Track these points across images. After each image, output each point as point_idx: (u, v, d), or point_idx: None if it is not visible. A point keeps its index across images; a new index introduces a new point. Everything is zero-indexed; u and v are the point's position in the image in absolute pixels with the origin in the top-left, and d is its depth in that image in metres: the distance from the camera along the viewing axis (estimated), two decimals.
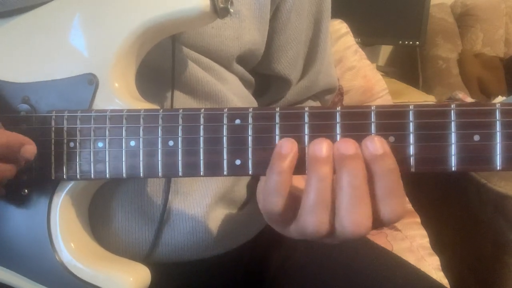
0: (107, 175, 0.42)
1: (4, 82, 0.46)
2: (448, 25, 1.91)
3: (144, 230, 0.52)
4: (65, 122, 0.43)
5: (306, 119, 0.38)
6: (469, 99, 1.66)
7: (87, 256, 0.46)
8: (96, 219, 0.50)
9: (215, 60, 0.55)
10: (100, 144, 0.42)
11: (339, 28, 1.40)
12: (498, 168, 0.36)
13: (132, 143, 0.42)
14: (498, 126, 0.35)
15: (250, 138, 0.39)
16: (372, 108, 0.37)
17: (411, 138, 0.36)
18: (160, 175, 0.41)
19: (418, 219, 1.14)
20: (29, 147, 0.41)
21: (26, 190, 0.45)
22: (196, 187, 0.53)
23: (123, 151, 0.42)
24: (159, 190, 0.51)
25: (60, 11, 0.47)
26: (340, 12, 1.20)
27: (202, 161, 0.40)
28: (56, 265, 0.45)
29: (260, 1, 0.56)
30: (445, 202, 1.43)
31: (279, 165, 0.36)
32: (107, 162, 0.42)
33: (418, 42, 1.82)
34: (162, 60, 0.50)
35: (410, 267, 0.58)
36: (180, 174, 0.41)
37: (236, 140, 0.39)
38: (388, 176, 0.35)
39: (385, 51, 2.15)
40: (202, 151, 0.40)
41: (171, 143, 0.41)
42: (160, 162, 0.41)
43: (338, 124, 0.37)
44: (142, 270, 0.47)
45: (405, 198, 0.37)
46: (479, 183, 1.25)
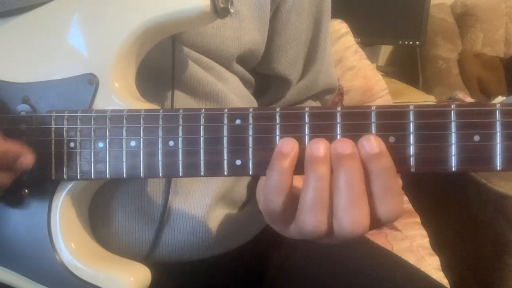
0: (108, 175, 0.42)
1: (4, 82, 0.46)
2: (448, 25, 1.91)
3: (144, 230, 0.52)
4: (65, 122, 0.43)
5: (307, 119, 0.38)
6: (469, 99, 1.66)
7: (87, 256, 0.46)
8: (97, 219, 0.50)
9: (215, 60, 0.55)
10: (100, 144, 0.42)
11: (339, 28, 1.40)
12: (498, 168, 0.36)
13: (133, 143, 0.42)
14: (498, 127, 0.35)
15: (251, 138, 0.39)
16: (373, 108, 0.37)
17: (411, 139, 0.36)
18: (160, 175, 0.41)
19: (418, 219, 1.14)
20: (26, 157, 0.41)
21: (26, 190, 0.45)
22: (196, 187, 0.53)
23: (124, 151, 0.42)
24: (159, 190, 0.51)
25: (60, 11, 0.47)
26: (340, 12, 1.20)
27: (202, 161, 0.40)
28: (56, 265, 0.45)
29: (260, 1, 0.56)
30: (445, 202, 1.43)
31: (279, 164, 0.36)
32: (107, 162, 0.42)
33: (418, 42, 1.82)
34: (162, 60, 0.50)
35: (410, 267, 0.58)
36: (180, 174, 0.41)
37: (236, 140, 0.39)
38: (385, 175, 0.35)
39: (385, 51, 2.15)
40: (202, 151, 0.40)
41: (171, 143, 0.41)
42: (160, 162, 0.41)
43: (338, 124, 0.37)
44: (142, 270, 0.47)
45: (402, 197, 0.37)
46: (479, 183, 1.25)
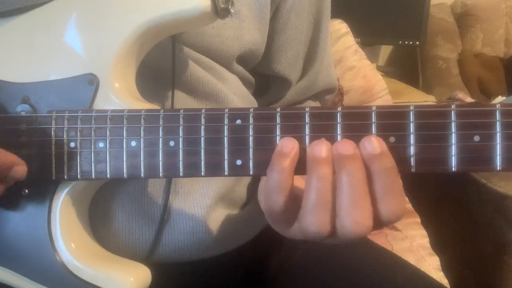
0: (108, 175, 0.42)
1: (4, 82, 0.46)
2: (448, 25, 1.91)
3: (145, 230, 0.52)
4: (65, 122, 0.43)
5: (307, 119, 0.38)
6: (469, 99, 1.66)
7: (87, 256, 0.46)
8: (97, 219, 0.50)
9: (216, 60, 0.55)
10: (101, 144, 0.42)
11: (339, 28, 1.40)
12: (498, 168, 0.36)
13: (133, 143, 0.42)
14: (498, 127, 0.35)
15: (251, 138, 0.39)
16: (373, 108, 0.37)
17: (412, 139, 0.36)
18: (161, 175, 0.41)
19: (418, 219, 1.14)
20: (19, 168, 0.41)
21: (26, 190, 0.45)
22: (196, 187, 0.53)
23: (124, 151, 0.42)
24: (160, 190, 0.51)
25: (60, 11, 0.47)
26: (340, 12, 1.20)
27: (203, 161, 0.40)
28: (56, 265, 0.45)
29: (260, 1, 0.56)
30: (445, 202, 1.43)
31: (280, 164, 0.36)
32: (107, 162, 0.42)
33: (418, 42, 1.82)
34: (162, 60, 0.50)
35: (410, 267, 0.58)
36: (181, 175, 0.41)
37: (237, 140, 0.39)
38: (386, 175, 0.35)
39: (385, 51, 2.15)
40: (203, 151, 0.40)
41: (172, 143, 0.41)
42: (161, 162, 0.41)
43: (338, 124, 0.37)
44: (142, 270, 0.47)
45: (404, 198, 0.37)
46: (479, 183, 1.25)
